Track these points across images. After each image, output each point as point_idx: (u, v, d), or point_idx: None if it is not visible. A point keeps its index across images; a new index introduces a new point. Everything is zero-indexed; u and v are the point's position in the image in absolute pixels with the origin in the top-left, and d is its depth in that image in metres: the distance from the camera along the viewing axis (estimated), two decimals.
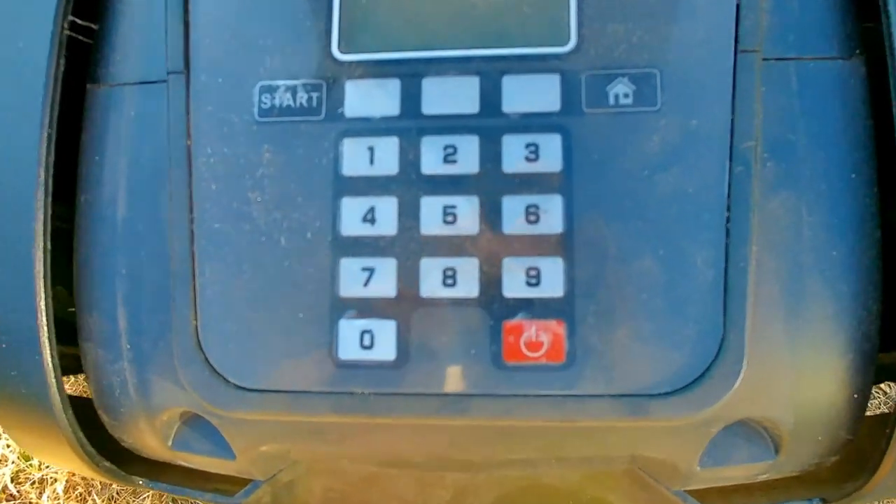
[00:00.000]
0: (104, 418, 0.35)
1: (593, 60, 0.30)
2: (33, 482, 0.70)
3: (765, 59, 0.30)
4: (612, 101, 0.30)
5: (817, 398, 0.30)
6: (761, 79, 0.29)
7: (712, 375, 0.28)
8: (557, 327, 0.29)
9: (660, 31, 0.30)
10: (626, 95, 0.30)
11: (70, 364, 0.36)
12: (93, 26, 0.36)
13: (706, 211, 0.29)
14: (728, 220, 0.28)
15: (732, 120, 0.29)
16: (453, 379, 0.29)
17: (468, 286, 0.29)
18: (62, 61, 0.34)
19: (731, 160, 0.29)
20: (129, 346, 0.33)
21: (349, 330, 0.30)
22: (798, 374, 0.29)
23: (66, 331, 0.35)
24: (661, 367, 0.28)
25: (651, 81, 0.30)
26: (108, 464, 0.36)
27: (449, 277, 0.29)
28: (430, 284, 0.30)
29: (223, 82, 0.32)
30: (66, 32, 0.34)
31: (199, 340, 0.31)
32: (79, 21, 0.35)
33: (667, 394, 0.28)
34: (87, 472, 0.37)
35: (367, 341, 0.30)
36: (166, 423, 0.35)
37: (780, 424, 0.30)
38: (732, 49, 0.30)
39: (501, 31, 0.31)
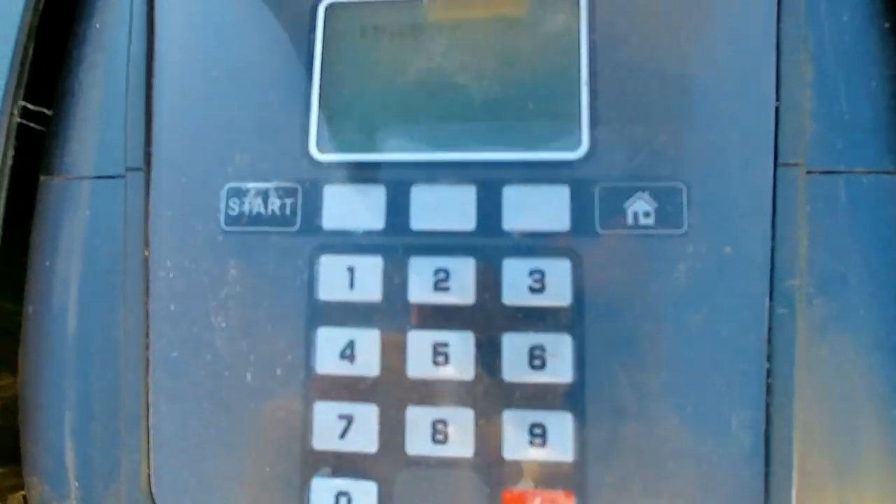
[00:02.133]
0: None
1: (609, 170, 0.26)
2: None
3: (809, 173, 0.26)
4: (630, 220, 0.26)
5: None
6: (805, 196, 0.25)
7: None
8: (566, 500, 0.25)
9: (686, 137, 0.26)
10: (646, 214, 0.26)
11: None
12: (46, 112, 0.32)
13: (742, 360, 0.24)
14: (769, 373, 0.24)
15: (773, 248, 0.25)
16: None
17: (461, 444, 0.25)
18: (11, 151, 0.31)
19: (771, 298, 0.25)
20: (77, 485, 0.29)
21: (323, 491, 0.26)
22: None
23: None
24: None
25: (675, 198, 0.26)
26: None
27: (439, 432, 0.25)
28: (417, 440, 0.25)
29: (187, 182, 0.29)
30: (17, 120, 0.31)
31: (150, 492, 0.27)
32: (31, 106, 0.32)
33: None
34: None
35: None
36: None
37: None
38: (772, 161, 0.25)
39: (502, 132, 0.27)
